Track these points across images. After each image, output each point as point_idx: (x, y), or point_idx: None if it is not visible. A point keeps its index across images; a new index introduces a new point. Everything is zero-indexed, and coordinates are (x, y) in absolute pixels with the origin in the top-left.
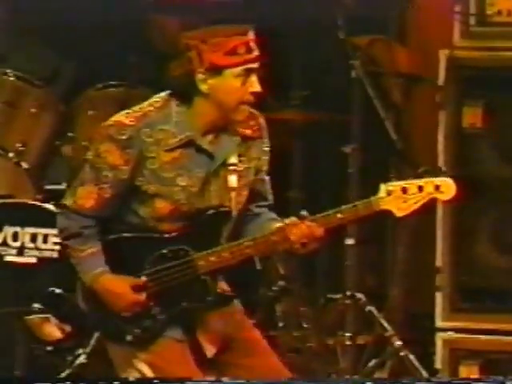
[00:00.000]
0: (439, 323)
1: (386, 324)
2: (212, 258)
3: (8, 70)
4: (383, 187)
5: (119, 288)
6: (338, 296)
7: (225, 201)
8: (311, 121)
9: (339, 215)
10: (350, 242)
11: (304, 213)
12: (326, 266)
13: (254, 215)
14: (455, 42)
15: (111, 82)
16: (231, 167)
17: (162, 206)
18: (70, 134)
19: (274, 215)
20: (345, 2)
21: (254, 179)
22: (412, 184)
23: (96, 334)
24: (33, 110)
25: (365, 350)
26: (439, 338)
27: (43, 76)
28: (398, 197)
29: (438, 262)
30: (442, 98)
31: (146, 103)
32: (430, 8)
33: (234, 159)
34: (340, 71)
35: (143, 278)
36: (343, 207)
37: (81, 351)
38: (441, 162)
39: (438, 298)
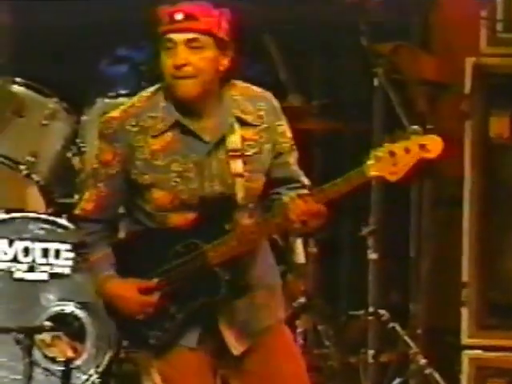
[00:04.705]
0: (465, 340)
1: (409, 341)
2: (221, 248)
3: (18, 79)
4: (372, 154)
5: (125, 291)
6: (361, 312)
7: (229, 188)
8: (332, 130)
9: (335, 188)
10: (373, 256)
11: (303, 191)
12: (347, 281)
13: (280, 195)
14: (482, 49)
15: (123, 91)
16: (233, 152)
17: (160, 195)
18: (82, 146)
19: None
20: (368, 9)
21: (274, 163)
22: (398, 146)
23: (109, 354)
24: (43, 121)
25: (388, 369)
26: (465, 356)
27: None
28: (387, 161)
29: (464, 277)
30: (469, 107)
31: (136, 96)
32: (455, 14)
33: (235, 143)
34: (362, 79)
35: (154, 280)
36: (337, 180)
37: (92, 371)
38: (467, 173)
39: (464, 313)
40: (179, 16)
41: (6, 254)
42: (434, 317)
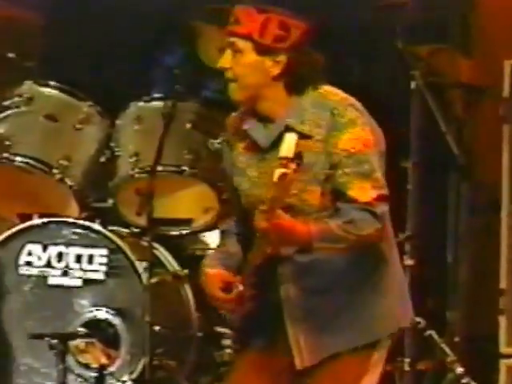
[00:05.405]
0: (503, 349)
1: (447, 349)
2: (253, 251)
3: (51, 82)
4: None
5: (208, 285)
6: None
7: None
8: None
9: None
10: (409, 262)
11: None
12: None
13: (336, 211)
14: None
15: (158, 95)
16: (282, 160)
17: (243, 199)
18: (116, 150)
19: (342, 217)
20: (405, 10)
21: (331, 174)
22: None
23: (143, 361)
24: (77, 125)
25: (424, 377)
26: (503, 365)
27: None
28: None
29: (502, 284)
30: (507, 111)
31: None
32: (494, 16)
33: (284, 152)
34: (399, 82)
35: (237, 281)
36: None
37: (126, 378)
38: (505, 178)
39: (502, 321)
40: (232, 19)
41: (39, 259)
42: (472, 324)
